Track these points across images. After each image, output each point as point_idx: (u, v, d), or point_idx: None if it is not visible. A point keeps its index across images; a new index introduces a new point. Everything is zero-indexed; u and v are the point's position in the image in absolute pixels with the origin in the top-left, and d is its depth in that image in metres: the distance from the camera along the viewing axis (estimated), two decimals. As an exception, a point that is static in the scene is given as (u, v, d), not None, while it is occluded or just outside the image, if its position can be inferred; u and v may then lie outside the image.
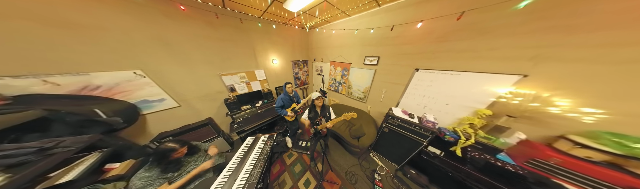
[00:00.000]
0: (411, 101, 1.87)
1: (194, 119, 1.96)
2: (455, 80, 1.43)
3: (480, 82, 1.29)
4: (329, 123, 1.50)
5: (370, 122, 2.28)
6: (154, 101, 1.56)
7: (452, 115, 1.54)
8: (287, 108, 2.14)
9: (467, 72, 1.34)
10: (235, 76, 2.25)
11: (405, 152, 1.76)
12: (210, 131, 1.99)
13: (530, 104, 1.05)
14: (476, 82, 1.31)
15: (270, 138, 1.87)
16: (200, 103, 1.98)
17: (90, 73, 1.20)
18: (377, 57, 2.03)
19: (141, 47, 1.40)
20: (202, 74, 1.89)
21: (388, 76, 2.01)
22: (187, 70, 1.75)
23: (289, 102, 2.11)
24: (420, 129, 1.54)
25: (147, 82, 1.47)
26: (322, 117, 1.65)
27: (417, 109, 1.82)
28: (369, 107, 2.48)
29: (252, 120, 2.27)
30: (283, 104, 2.05)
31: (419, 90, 1.75)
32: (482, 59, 1.24)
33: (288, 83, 2.01)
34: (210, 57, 1.90)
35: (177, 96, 1.73)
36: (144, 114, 1.54)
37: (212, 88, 2.04)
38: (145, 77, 1.45)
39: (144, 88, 1.47)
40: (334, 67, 2.81)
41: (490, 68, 1.22)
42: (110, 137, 1.22)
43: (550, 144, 1.00)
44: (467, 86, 1.37)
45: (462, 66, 1.35)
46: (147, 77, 1.46)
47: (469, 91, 1.37)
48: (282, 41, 2.69)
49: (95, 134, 1.08)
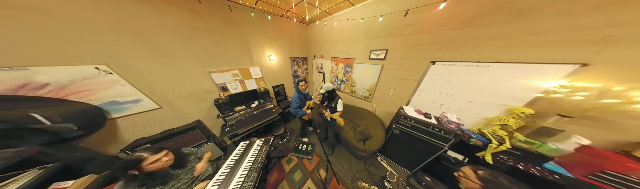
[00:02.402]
0: (425, 98, 1.61)
1: (179, 122, 1.67)
2: (483, 73, 1.17)
3: (517, 74, 1.03)
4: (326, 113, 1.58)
5: (376, 123, 2.02)
6: (127, 102, 1.27)
7: (477, 114, 1.28)
8: (303, 107, 1.91)
9: (499, 63, 1.08)
10: (226, 74, 1.97)
11: (419, 156, 1.50)
12: (198, 135, 1.71)
13: (598, 100, 0.80)
14: (512, 75, 1.05)
15: (267, 143, 1.60)
16: (186, 104, 1.69)
17: (29, 68, 0.91)
18: (385, 51, 1.76)
19: (104, 37, 1.12)
20: (187, 71, 1.61)
21: (397, 71, 1.75)
22: (168, 66, 1.46)
23: (303, 101, 1.87)
24: (439, 131, 1.28)
25: (115, 80, 1.19)
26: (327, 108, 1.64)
27: (432, 107, 1.56)
28: (374, 106, 2.22)
29: (247, 122, 1.99)
30: (299, 104, 1.81)
31: (434, 86, 1.49)
32: (520, 47, 0.98)
33: (301, 81, 1.76)
34: (196, 51, 1.61)
35: (157, 96, 1.44)
36: (114, 118, 1.25)
37: (199, 87, 1.76)
38: (112, 74, 1.16)
39: (112, 87, 1.19)
40: (336, 63, 2.54)
41: (532, 57, 0.96)
42: (61, 148, 0.94)
43: (628, 152, 0.74)
44: (499, 80, 1.11)
45: (493, 56, 1.09)
46: (115, 73, 1.18)
47: (500, 85, 1.11)
48: (279, 36, 2.41)
49: (30, 146, 0.80)
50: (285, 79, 2.85)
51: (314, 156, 2.02)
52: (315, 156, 2.04)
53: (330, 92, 1.58)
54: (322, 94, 1.65)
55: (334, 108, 1.61)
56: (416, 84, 1.62)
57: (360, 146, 1.79)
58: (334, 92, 1.62)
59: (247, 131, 1.98)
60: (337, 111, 1.60)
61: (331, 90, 1.57)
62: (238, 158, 1.42)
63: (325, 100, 1.68)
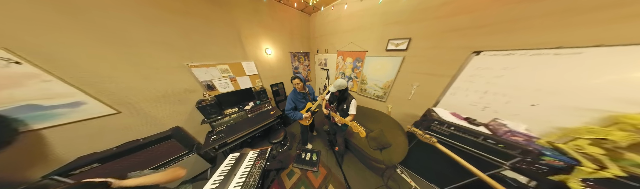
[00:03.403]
0: (460, 99, 1.24)
1: (148, 130, 1.26)
2: (565, 64, 0.80)
3: (634, 63, 0.67)
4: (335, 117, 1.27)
5: (394, 127, 1.65)
6: (57, 106, 0.86)
7: (545, 123, 0.91)
8: (301, 109, 1.52)
9: (602, 47, 0.71)
10: (213, 69, 1.56)
11: (455, 171, 1.14)
12: (176, 146, 1.31)
13: None
14: (624, 65, 0.69)
15: (262, 155, 1.22)
16: (158, 107, 1.28)
17: None
18: (407, 40, 1.38)
19: (12, 10, 0.71)
20: (157, 65, 1.20)
21: (423, 64, 1.37)
22: (127, 56, 1.05)
23: (301, 102, 1.49)
24: (496, 144, 0.91)
25: (30, 74, 0.78)
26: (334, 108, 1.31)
27: (471, 111, 1.19)
28: (390, 107, 1.85)
29: (239, 128, 1.60)
30: (294, 105, 1.45)
31: (477, 83, 1.12)
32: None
33: (294, 78, 1.36)
34: (168, 38, 1.20)
35: (111, 98, 1.03)
36: (36, 130, 0.85)
37: (176, 85, 1.35)
38: (21, 64, 0.75)
39: (26, 84, 0.78)
40: (343, 58, 2.15)
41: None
42: None
43: None
44: (596, 73, 0.74)
45: (592, 37, 0.72)
46: (28, 63, 0.77)
47: (597, 81, 0.75)
48: (277, 26, 2.00)
49: None
50: (285, 76, 2.45)
51: (320, 168, 1.65)
52: (322, 167, 1.67)
53: (342, 91, 1.20)
54: (332, 94, 1.27)
55: (346, 111, 1.24)
56: (449, 81, 1.25)
57: (376, 156, 1.43)
58: (347, 91, 1.24)
59: (240, 139, 1.59)
60: (350, 114, 1.23)
61: (344, 89, 1.19)
62: (225, 175, 1.05)
63: (334, 100, 1.30)
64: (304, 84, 1.43)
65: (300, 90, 1.44)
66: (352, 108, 1.22)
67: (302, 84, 1.39)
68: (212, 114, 1.51)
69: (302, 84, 1.40)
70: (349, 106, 1.22)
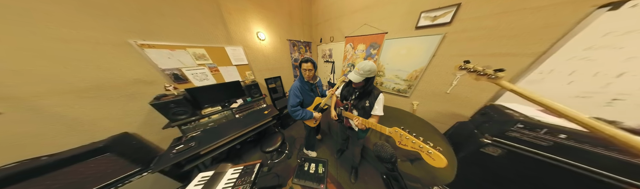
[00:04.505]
0: (552, 89, 0.78)
1: (69, 142, 0.79)
2: None
3: None
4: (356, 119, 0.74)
5: (425, 130, 1.20)
6: None
7: None
8: (309, 106, 1.07)
9: None
10: (181, 53, 1.09)
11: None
12: (118, 163, 0.84)
13: None
14: None
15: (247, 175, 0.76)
16: (85, 106, 0.81)
17: None
18: (454, 7, 0.93)
19: None
20: (74, 37, 0.73)
21: (479, 41, 0.92)
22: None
23: (309, 95, 1.02)
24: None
25: None
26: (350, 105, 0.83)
27: (580, 106, 0.73)
28: (415, 104, 1.39)
29: (222, 133, 1.13)
30: (301, 100, 0.96)
31: (601, 61, 0.67)
32: None
33: (306, 60, 0.86)
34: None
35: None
36: None
37: (118, 73, 0.88)
38: None
39: None
40: (353, 45, 1.69)
41: None
42: None
43: None
44: None
45: None
46: None
47: None
48: (272, 4, 1.54)
49: None
50: (282, 69, 1.98)
51: (328, 184, 1.19)
52: (331, 183, 1.21)
53: (368, 81, 0.74)
54: (348, 85, 0.83)
55: (368, 110, 0.78)
56: (531, 62, 0.80)
57: (412, 172, 0.97)
58: (372, 81, 0.77)
59: (222, 147, 1.12)
60: (373, 115, 0.77)
61: (372, 77, 0.73)
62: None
63: (352, 93, 0.84)
64: (315, 72, 0.97)
65: (309, 79, 0.97)
66: (377, 107, 0.75)
67: (313, 71, 0.93)
68: (179, 115, 1.04)
69: (314, 71, 0.93)
70: (374, 104, 0.76)
